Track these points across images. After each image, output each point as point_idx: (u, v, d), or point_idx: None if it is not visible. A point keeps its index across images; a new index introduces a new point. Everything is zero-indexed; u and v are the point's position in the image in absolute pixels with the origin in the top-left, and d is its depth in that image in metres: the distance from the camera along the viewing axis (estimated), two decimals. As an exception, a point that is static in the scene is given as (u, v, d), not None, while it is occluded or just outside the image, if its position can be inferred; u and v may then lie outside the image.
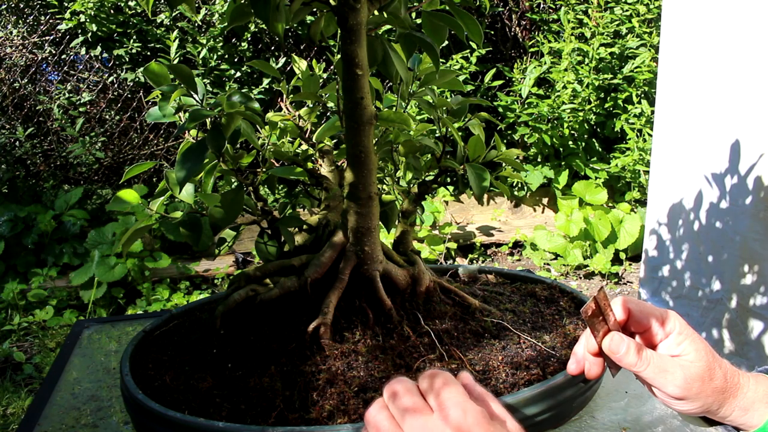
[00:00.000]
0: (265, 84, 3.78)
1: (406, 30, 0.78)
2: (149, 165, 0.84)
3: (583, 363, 0.66)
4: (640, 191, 3.92)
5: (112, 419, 0.85)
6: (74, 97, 3.72)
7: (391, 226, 0.99)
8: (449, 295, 0.91)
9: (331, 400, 0.70)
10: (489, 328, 0.86)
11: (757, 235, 1.83)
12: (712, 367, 0.62)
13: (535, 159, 4.09)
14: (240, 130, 0.78)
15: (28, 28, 3.78)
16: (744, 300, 1.90)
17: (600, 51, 3.82)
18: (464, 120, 0.94)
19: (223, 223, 0.84)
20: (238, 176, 0.88)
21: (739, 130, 1.90)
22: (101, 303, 3.16)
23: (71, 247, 3.35)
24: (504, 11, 4.42)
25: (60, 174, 3.74)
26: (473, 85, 4.05)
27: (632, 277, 3.73)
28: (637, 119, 3.84)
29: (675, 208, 2.29)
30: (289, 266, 0.86)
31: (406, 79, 0.87)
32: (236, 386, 0.74)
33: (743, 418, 0.63)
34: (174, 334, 0.91)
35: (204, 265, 3.52)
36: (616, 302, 0.65)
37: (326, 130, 0.95)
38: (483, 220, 4.13)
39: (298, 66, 0.97)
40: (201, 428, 0.64)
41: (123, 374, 0.76)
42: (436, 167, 0.93)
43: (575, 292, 1.00)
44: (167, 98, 0.77)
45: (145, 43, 3.78)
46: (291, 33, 4.08)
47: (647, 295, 2.51)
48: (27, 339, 2.85)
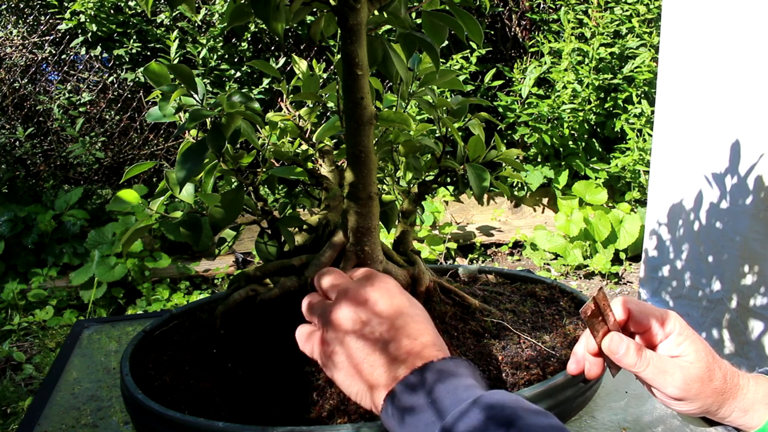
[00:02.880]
0: (265, 84, 3.78)
1: (406, 30, 0.78)
2: (149, 165, 0.84)
3: (583, 363, 0.66)
4: (640, 191, 3.92)
5: (112, 419, 0.85)
6: (74, 97, 3.72)
7: (391, 226, 0.99)
8: (449, 295, 0.91)
9: (331, 400, 0.70)
10: (489, 328, 0.86)
11: (758, 235, 1.82)
12: (711, 368, 0.62)
13: (535, 159, 4.09)
14: (240, 130, 0.78)
15: (28, 28, 3.77)
16: (744, 300, 1.90)
17: (600, 51, 3.82)
18: (464, 120, 0.94)
19: (223, 223, 0.84)
20: (238, 176, 0.88)
21: (739, 130, 1.90)
22: (101, 303, 3.16)
23: (71, 247, 3.35)
24: (504, 11, 4.42)
25: (60, 174, 3.74)
26: (473, 85, 4.05)
27: (632, 277, 3.73)
28: (637, 119, 3.84)
29: (675, 208, 2.29)
30: (289, 266, 0.86)
31: (406, 79, 0.87)
32: (236, 386, 0.74)
33: (743, 419, 0.63)
34: (174, 334, 0.91)
35: (204, 265, 3.52)
36: (616, 302, 0.65)
37: (326, 130, 0.95)
38: (483, 220, 4.13)
39: (298, 66, 0.97)
40: (201, 428, 0.64)
41: (123, 374, 0.76)
42: (436, 167, 0.93)
43: (575, 292, 1.00)
44: (167, 98, 0.77)
45: (145, 43, 3.78)
46: (291, 33, 4.08)
47: (647, 295, 2.50)
48: (27, 339, 2.85)
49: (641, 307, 0.64)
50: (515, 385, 0.73)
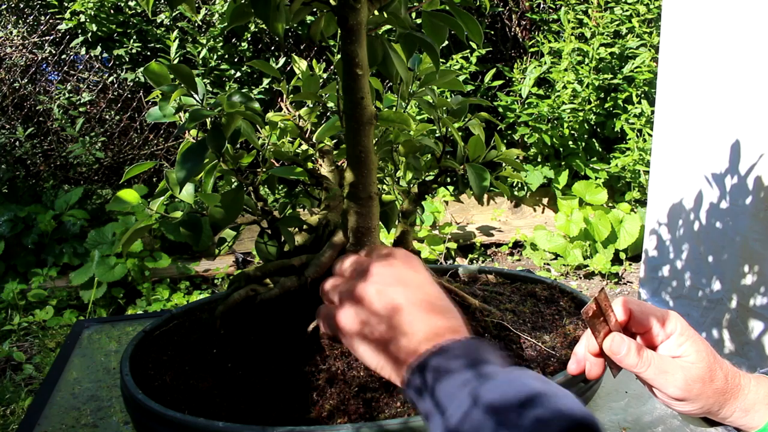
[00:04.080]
0: (265, 84, 3.78)
1: (406, 30, 0.78)
2: (149, 165, 0.84)
3: (584, 363, 0.66)
4: (640, 191, 3.92)
5: (112, 419, 0.85)
6: (74, 97, 3.72)
7: (391, 226, 0.98)
8: (449, 295, 0.91)
9: (331, 400, 0.70)
10: (489, 328, 0.86)
11: (758, 235, 1.82)
12: (713, 368, 0.62)
13: (535, 159, 4.09)
14: (240, 130, 0.78)
15: (28, 28, 3.77)
16: (744, 300, 1.90)
17: (600, 51, 3.82)
18: (464, 120, 0.94)
19: (223, 223, 0.84)
20: (238, 176, 0.88)
21: (739, 130, 1.90)
22: (101, 303, 3.16)
23: (71, 247, 3.35)
24: (504, 11, 4.42)
25: (60, 174, 3.74)
26: (473, 85, 4.05)
27: (632, 277, 3.73)
28: (637, 119, 3.84)
29: (675, 208, 2.29)
30: (289, 266, 0.86)
31: (406, 79, 0.87)
32: (236, 386, 0.74)
33: (744, 419, 0.63)
34: (174, 334, 0.90)
35: (204, 265, 3.52)
36: (616, 303, 0.65)
37: (326, 130, 0.95)
38: (483, 220, 4.13)
39: (298, 66, 0.97)
40: (201, 428, 0.64)
41: (123, 374, 0.76)
42: (436, 167, 0.93)
43: (575, 292, 1.00)
44: (167, 98, 0.77)
45: (145, 43, 3.78)
46: (291, 33, 4.08)
47: (647, 295, 2.50)
48: (27, 339, 2.85)
49: (642, 308, 0.64)
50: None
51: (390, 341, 0.54)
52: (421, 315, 0.54)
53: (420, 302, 0.55)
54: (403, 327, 0.54)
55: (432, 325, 0.54)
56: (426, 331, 0.53)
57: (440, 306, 0.56)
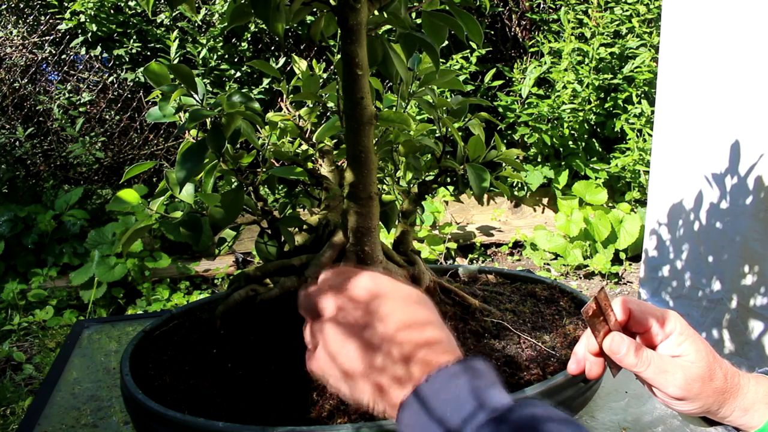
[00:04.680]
0: (265, 84, 3.78)
1: (406, 30, 0.78)
2: (149, 165, 0.84)
3: (584, 363, 0.66)
4: (640, 191, 3.92)
5: (112, 419, 0.85)
6: (74, 97, 3.72)
7: (391, 226, 0.98)
8: (449, 295, 0.91)
9: (331, 400, 0.70)
10: (489, 328, 0.86)
11: (758, 235, 1.82)
12: (712, 368, 0.62)
13: (535, 159, 4.09)
14: (240, 130, 0.78)
15: (28, 28, 3.77)
16: (744, 300, 1.90)
17: (600, 51, 3.82)
18: (464, 120, 0.94)
19: (223, 223, 0.84)
20: (238, 176, 0.88)
21: (739, 130, 1.90)
22: (101, 303, 3.16)
23: (71, 247, 3.35)
24: (504, 11, 4.42)
25: (60, 174, 3.74)
26: (473, 85, 4.05)
27: (632, 277, 3.73)
28: (637, 119, 3.84)
29: (675, 208, 2.29)
30: (289, 266, 0.86)
31: (406, 79, 0.87)
32: (236, 386, 0.74)
33: (743, 419, 0.63)
34: (174, 334, 0.91)
35: (204, 265, 3.52)
36: (616, 302, 0.65)
37: (326, 130, 0.95)
38: (483, 220, 4.13)
39: (298, 66, 0.97)
40: (201, 428, 0.64)
41: (123, 374, 0.76)
42: (436, 167, 0.93)
43: (575, 292, 1.00)
44: (167, 98, 0.77)
45: (145, 43, 3.78)
46: (291, 33, 4.08)
47: (647, 295, 2.50)
48: (27, 339, 2.85)
49: (641, 307, 0.64)
50: (515, 385, 0.73)
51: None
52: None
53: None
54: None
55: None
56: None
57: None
